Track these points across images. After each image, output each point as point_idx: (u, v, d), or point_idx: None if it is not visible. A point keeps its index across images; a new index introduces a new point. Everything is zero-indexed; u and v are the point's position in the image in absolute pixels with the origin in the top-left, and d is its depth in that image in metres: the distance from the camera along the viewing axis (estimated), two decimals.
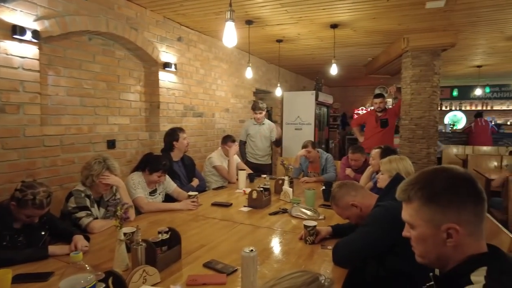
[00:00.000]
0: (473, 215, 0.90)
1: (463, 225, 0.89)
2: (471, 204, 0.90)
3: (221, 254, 1.76)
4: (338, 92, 10.63)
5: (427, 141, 4.58)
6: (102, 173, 2.20)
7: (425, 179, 0.97)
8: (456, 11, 3.53)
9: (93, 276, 1.01)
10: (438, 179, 0.94)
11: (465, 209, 0.90)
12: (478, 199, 0.91)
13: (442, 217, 0.91)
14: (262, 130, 4.58)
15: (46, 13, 2.51)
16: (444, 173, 0.95)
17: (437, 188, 0.93)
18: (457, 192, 0.91)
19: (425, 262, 0.99)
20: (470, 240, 0.90)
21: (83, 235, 1.83)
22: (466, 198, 0.91)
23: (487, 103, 9.87)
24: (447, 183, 0.93)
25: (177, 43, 3.97)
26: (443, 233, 0.91)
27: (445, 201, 0.91)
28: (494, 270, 0.85)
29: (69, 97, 2.87)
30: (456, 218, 0.89)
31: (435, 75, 4.49)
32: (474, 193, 0.91)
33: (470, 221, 0.90)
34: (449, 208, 0.90)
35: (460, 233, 0.89)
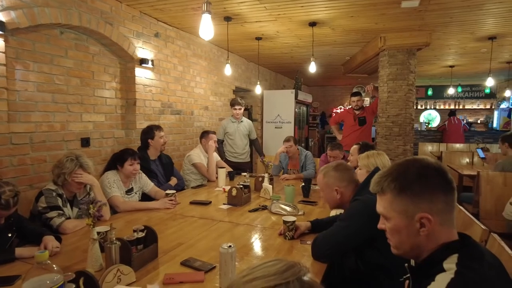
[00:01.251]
0: (444, 204, 0.93)
1: (435, 214, 0.91)
2: (441, 194, 0.93)
3: (199, 252, 1.72)
4: (317, 92, 10.76)
5: (404, 138, 4.69)
6: (75, 171, 2.11)
7: (397, 170, 0.98)
8: (429, 11, 3.63)
9: (61, 276, 0.95)
10: (410, 170, 0.96)
11: (437, 198, 0.92)
12: (449, 188, 0.94)
13: (415, 207, 0.93)
14: (241, 128, 4.56)
15: (12, 4, 2.38)
16: (416, 164, 0.97)
17: (408, 179, 0.95)
18: (428, 182, 0.93)
19: (400, 253, 1.01)
20: (442, 229, 0.93)
21: (54, 235, 1.75)
22: (437, 188, 0.93)
23: (459, 102, 10.26)
24: (418, 173, 0.95)
25: (154, 39, 3.88)
26: (416, 223, 0.93)
27: (417, 191, 0.93)
28: (465, 257, 0.88)
29: (40, 93, 2.74)
30: (428, 208, 0.92)
31: (410, 73, 4.61)
32: (445, 183, 0.94)
33: (441, 210, 0.92)
34: (421, 198, 0.93)
35: (432, 222, 0.91)
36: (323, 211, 2.50)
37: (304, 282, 0.52)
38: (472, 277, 0.83)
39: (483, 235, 1.65)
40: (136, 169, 2.67)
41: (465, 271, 0.84)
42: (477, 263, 0.87)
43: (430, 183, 0.93)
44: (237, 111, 4.47)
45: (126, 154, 2.63)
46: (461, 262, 0.87)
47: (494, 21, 3.99)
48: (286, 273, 0.53)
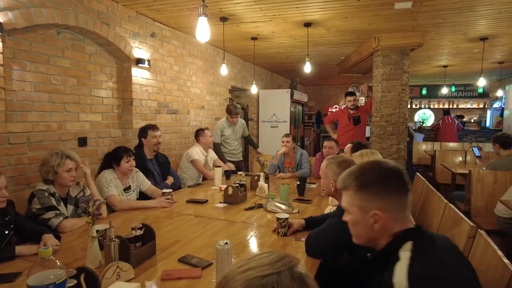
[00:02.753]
0: (396, 204, 1.04)
1: (386, 212, 1.02)
2: (395, 195, 1.04)
3: (196, 249, 1.76)
4: (312, 91, 10.82)
5: (397, 137, 4.76)
6: (64, 163, 2.11)
7: (360, 170, 1.10)
8: (422, 12, 3.69)
9: (64, 271, 0.99)
10: (370, 171, 1.08)
11: (390, 199, 1.04)
12: (403, 191, 1.05)
13: (370, 204, 1.04)
14: (237, 130, 4.62)
15: (9, 4, 2.40)
16: (378, 166, 1.09)
17: (368, 178, 1.06)
18: (385, 184, 1.05)
19: (359, 242, 1.12)
20: (394, 225, 1.03)
21: (53, 234, 1.78)
22: (392, 190, 1.04)
23: (453, 102, 10.38)
24: (378, 175, 1.06)
25: (150, 39, 3.91)
26: (370, 218, 1.04)
27: (374, 190, 1.05)
28: (419, 243, 0.98)
29: (37, 92, 2.76)
30: (380, 206, 1.03)
31: (404, 73, 4.68)
32: (401, 186, 1.05)
33: (393, 209, 1.03)
34: (376, 196, 1.04)
35: (383, 219, 1.02)
36: (318, 209, 2.55)
37: (294, 272, 0.57)
38: (427, 260, 0.92)
39: (471, 232, 1.70)
40: (133, 165, 2.70)
41: (420, 256, 0.93)
42: (430, 247, 0.97)
43: (387, 185, 1.04)
44: (234, 119, 4.48)
45: (120, 152, 2.65)
46: (415, 248, 0.96)
47: (485, 22, 4.06)
48: (278, 264, 0.57)
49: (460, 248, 1.63)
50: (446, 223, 1.99)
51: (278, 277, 0.55)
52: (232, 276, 0.58)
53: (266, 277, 0.55)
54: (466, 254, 1.57)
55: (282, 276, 0.55)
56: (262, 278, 0.55)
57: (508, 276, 1.21)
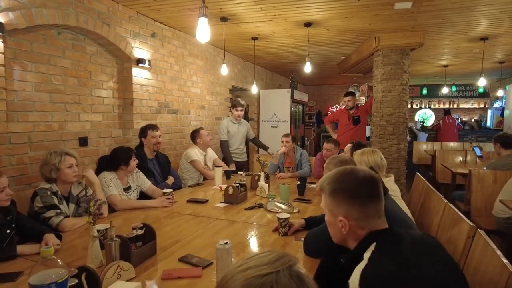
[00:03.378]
0: (361, 212, 1.08)
1: (351, 220, 1.08)
2: (359, 205, 1.08)
3: (196, 248, 1.77)
4: (313, 91, 10.83)
5: (397, 137, 4.76)
6: (64, 159, 2.13)
7: (334, 176, 1.15)
8: (422, 12, 3.69)
9: (65, 270, 1.00)
10: (341, 179, 1.13)
11: (354, 207, 1.08)
12: (370, 200, 1.09)
13: (337, 210, 1.11)
14: (241, 129, 4.62)
15: (10, 5, 2.41)
16: (348, 174, 1.13)
17: (338, 186, 1.12)
18: (351, 193, 1.09)
19: (335, 241, 1.19)
20: (361, 230, 1.08)
21: (54, 233, 1.79)
22: (356, 199, 1.09)
23: (453, 101, 10.38)
24: (346, 184, 1.11)
25: (150, 39, 3.91)
26: (338, 222, 1.10)
27: (340, 198, 1.11)
28: (381, 243, 1.02)
29: (37, 93, 2.77)
30: (345, 213, 1.09)
31: (404, 73, 4.68)
32: (366, 195, 1.09)
33: (358, 217, 1.08)
34: (342, 204, 1.10)
35: (349, 225, 1.08)
36: (318, 209, 2.55)
37: (293, 271, 0.58)
38: (383, 260, 0.96)
39: (470, 232, 1.71)
40: (136, 162, 2.76)
41: (377, 257, 0.98)
42: (393, 247, 1.01)
43: (354, 195, 1.09)
44: (239, 112, 4.50)
45: (130, 151, 2.71)
46: (376, 250, 1.00)
47: (485, 22, 4.07)
48: (277, 263, 0.58)
49: (459, 248, 1.65)
50: (445, 222, 2.00)
51: (276, 276, 0.56)
52: (232, 276, 0.59)
53: (265, 276, 0.56)
54: (465, 253, 1.57)
55: (280, 275, 0.56)
56: (261, 277, 0.56)
57: (506, 276, 1.21)
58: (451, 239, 1.80)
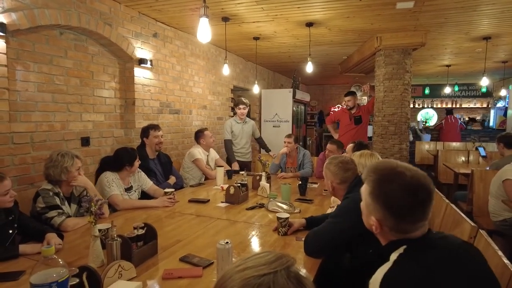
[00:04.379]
0: (395, 224, 1.00)
1: (384, 225, 1.02)
2: (395, 216, 0.99)
3: (197, 248, 1.77)
4: (315, 90, 10.81)
5: (399, 137, 4.75)
6: (75, 162, 2.16)
7: (381, 175, 1.04)
8: (424, 12, 3.68)
9: (66, 270, 1.00)
10: (386, 182, 1.02)
11: (390, 218, 1.00)
12: (408, 214, 0.98)
13: (372, 210, 1.04)
14: (246, 128, 4.61)
15: (13, 6, 2.42)
16: (393, 181, 1.00)
17: (379, 190, 1.02)
18: (389, 203, 1.00)
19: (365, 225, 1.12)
20: (392, 234, 1.02)
21: (56, 233, 1.80)
22: (391, 211, 0.99)
23: (456, 101, 10.34)
24: (388, 191, 1.00)
25: (152, 39, 3.92)
26: (370, 220, 1.05)
27: (377, 203, 1.02)
28: (411, 248, 0.96)
29: (40, 93, 2.78)
30: (379, 218, 1.02)
31: (406, 73, 4.66)
32: (405, 208, 0.98)
33: (391, 226, 1.01)
34: (378, 209, 1.02)
35: (380, 228, 1.03)
36: (319, 209, 2.56)
37: (291, 272, 0.58)
38: (409, 265, 0.91)
39: (471, 232, 1.70)
40: (138, 163, 2.77)
41: (403, 260, 0.93)
42: (422, 252, 0.94)
43: (390, 206, 0.99)
44: (242, 111, 4.50)
45: (134, 152, 2.73)
46: (404, 253, 0.95)
47: (488, 22, 4.05)
48: (275, 263, 0.58)
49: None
50: (447, 223, 1.99)
51: (274, 276, 0.56)
52: (230, 276, 0.59)
53: (262, 277, 0.56)
54: None
55: (278, 276, 0.56)
56: (258, 277, 0.56)
57: (508, 276, 1.21)
58: None
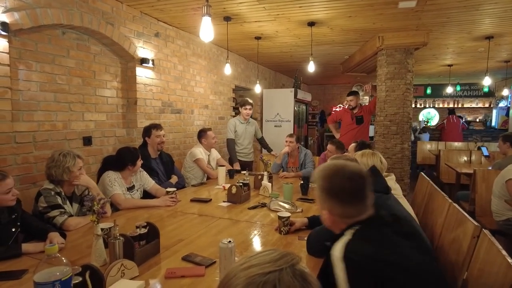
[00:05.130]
0: (342, 211, 1.17)
1: (333, 213, 1.19)
2: (341, 204, 1.17)
3: (199, 247, 1.77)
4: (316, 90, 10.80)
5: (401, 137, 4.74)
6: (77, 161, 2.16)
7: (325, 172, 1.22)
8: (426, 11, 3.67)
9: (69, 268, 1.00)
10: (330, 177, 1.20)
11: (336, 205, 1.18)
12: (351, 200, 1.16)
13: (323, 204, 1.22)
14: (249, 128, 4.60)
15: (15, 5, 2.43)
16: (336, 174, 1.19)
17: (325, 183, 1.20)
18: (334, 192, 1.18)
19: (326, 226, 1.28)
20: (344, 224, 1.17)
21: (59, 232, 1.80)
22: (339, 199, 1.17)
23: (458, 101, 10.31)
24: (332, 183, 1.18)
25: (154, 38, 3.92)
26: (323, 214, 1.23)
27: (325, 195, 1.20)
28: (364, 226, 1.13)
29: (42, 92, 2.79)
30: (328, 209, 1.20)
31: (408, 72, 4.65)
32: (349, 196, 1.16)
33: (340, 214, 1.18)
34: (326, 200, 1.20)
35: (332, 219, 1.20)
36: None
37: (296, 269, 0.58)
38: (364, 238, 1.07)
39: (475, 232, 1.69)
40: (141, 162, 2.77)
41: (362, 231, 1.10)
42: (374, 230, 1.12)
43: (335, 195, 1.18)
44: (247, 111, 4.48)
45: (136, 152, 2.73)
46: (359, 228, 1.12)
47: (490, 21, 4.03)
48: (280, 261, 0.58)
49: (463, 248, 1.63)
50: (450, 222, 1.98)
51: (279, 274, 0.56)
52: (234, 274, 0.59)
53: (267, 275, 0.56)
54: (470, 254, 1.56)
55: (283, 274, 0.56)
56: (263, 275, 0.56)
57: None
58: (455, 239, 1.78)
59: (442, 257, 1.85)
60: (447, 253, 1.81)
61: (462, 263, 1.59)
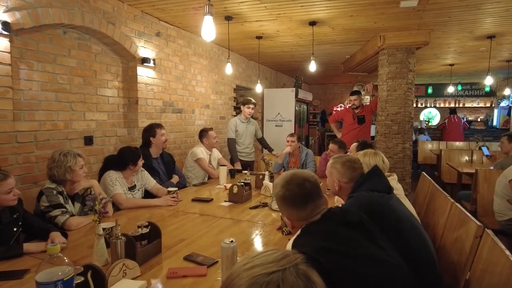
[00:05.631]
0: (296, 214, 1.29)
1: (292, 219, 1.31)
2: (295, 208, 1.28)
3: (201, 247, 1.77)
4: (317, 90, 10.79)
5: (403, 136, 4.73)
6: (78, 160, 2.16)
7: (280, 184, 1.33)
8: (428, 10, 3.66)
9: (71, 268, 1.00)
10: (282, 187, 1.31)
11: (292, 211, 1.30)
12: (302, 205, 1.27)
13: (284, 212, 1.35)
14: (250, 128, 4.59)
15: (17, 4, 2.42)
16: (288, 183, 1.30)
17: (280, 193, 1.31)
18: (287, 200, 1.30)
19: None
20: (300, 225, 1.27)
21: (61, 231, 1.80)
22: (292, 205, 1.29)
23: (459, 100, 10.28)
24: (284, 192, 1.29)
25: (155, 38, 3.92)
26: (286, 221, 1.37)
27: (281, 203, 1.33)
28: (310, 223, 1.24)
29: (43, 92, 2.79)
30: (287, 215, 1.33)
31: (410, 72, 4.64)
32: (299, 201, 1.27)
33: (296, 217, 1.29)
34: (283, 208, 1.33)
35: (291, 223, 1.32)
36: None
37: (299, 269, 0.57)
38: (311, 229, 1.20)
39: (477, 231, 1.69)
40: (142, 162, 2.77)
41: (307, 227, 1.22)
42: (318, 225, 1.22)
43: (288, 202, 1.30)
44: (250, 110, 4.47)
45: (137, 151, 2.73)
46: (305, 226, 1.23)
47: (492, 20, 4.02)
48: (283, 261, 0.58)
49: (466, 248, 1.63)
50: (452, 222, 1.98)
51: (283, 274, 0.56)
52: (237, 274, 0.58)
53: (271, 275, 0.55)
54: (472, 254, 1.56)
55: (287, 273, 0.56)
56: (267, 275, 0.55)
57: None
58: (457, 239, 1.78)
59: (444, 257, 1.84)
60: (449, 253, 1.81)
61: (465, 263, 1.58)
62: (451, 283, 1.66)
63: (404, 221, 1.62)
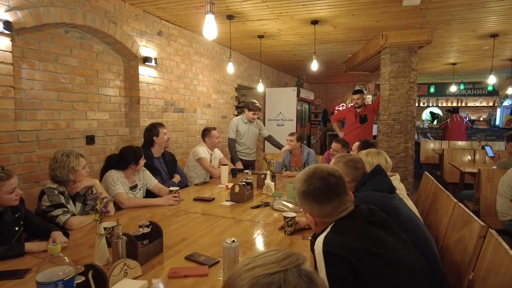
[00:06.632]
0: (320, 210, 1.26)
1: (314, 215, 1.28)
2: (318, 204, 1.26)
3: (202, 247, 1.76)
4: (319, 89, 10.77)
5: (405, 136, 4.71)
6: (80, 161, 2.17)
7: (301, 178, 1.30)
8: (430, 9, 3.64)
9: (72, 268, 0.99)
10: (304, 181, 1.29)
11: (315, 207, 1.27)
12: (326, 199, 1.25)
13: (306, 208, 1.31)
14: (252, 128, 4.55)
15: (19, 4, 2.42)
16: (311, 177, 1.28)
17: (302, 188, 1.29)
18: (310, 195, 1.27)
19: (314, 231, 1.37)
20: (323, 222, 1.26)
21: (62, 231, 1.79)
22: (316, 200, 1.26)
23: (461, 100, 10.24)
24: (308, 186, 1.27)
25: (157, 37, 3.92)
26: (307, 219, 1.32)
27: (304, 199, 1.30)
28: (339, 221, 1.22)
29: (45, 91, 2.79)
30: (309, 211, 1.29)
31: (412, 71, 4.62)
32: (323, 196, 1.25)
33: (319, 213, 1.27)
34: (305, 204, 1.30)
35: (314, 219, 1.29)
36: None
37: (302, 270, 0.56)
38: (339, 231, 1.16)
39: (481, 232, 1.67)
40: (144, 162, 2.77)
41: (337, 225, 1.20)
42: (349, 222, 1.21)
43: (311, 197, 1.27)
44: (254, 116, 4.40)
45: (139, 151, 2.72)
46: (335, 224, 1.21)
47: (495, 18, 4.00)
48: (284, 262, 0.57)
49: (469, 248, 1.62)
50: (455, 222, 1.96)
51: (285, 275, 0.55)
52: (239, 275, 0.58)
53: (272, 275, 0.55)
54: (476, 254, 1.54)
55: (289, 274, 0.55)
56: (268, 276, 0.55)
57: None
58: (461, 239, 1.76)
59: (447, 257, 1.83)
60: (452, 253, 1.80)
61: (468, 263, 1.57)
62: (455, 283, 1.65)
63: (408, 221, 1.61)
